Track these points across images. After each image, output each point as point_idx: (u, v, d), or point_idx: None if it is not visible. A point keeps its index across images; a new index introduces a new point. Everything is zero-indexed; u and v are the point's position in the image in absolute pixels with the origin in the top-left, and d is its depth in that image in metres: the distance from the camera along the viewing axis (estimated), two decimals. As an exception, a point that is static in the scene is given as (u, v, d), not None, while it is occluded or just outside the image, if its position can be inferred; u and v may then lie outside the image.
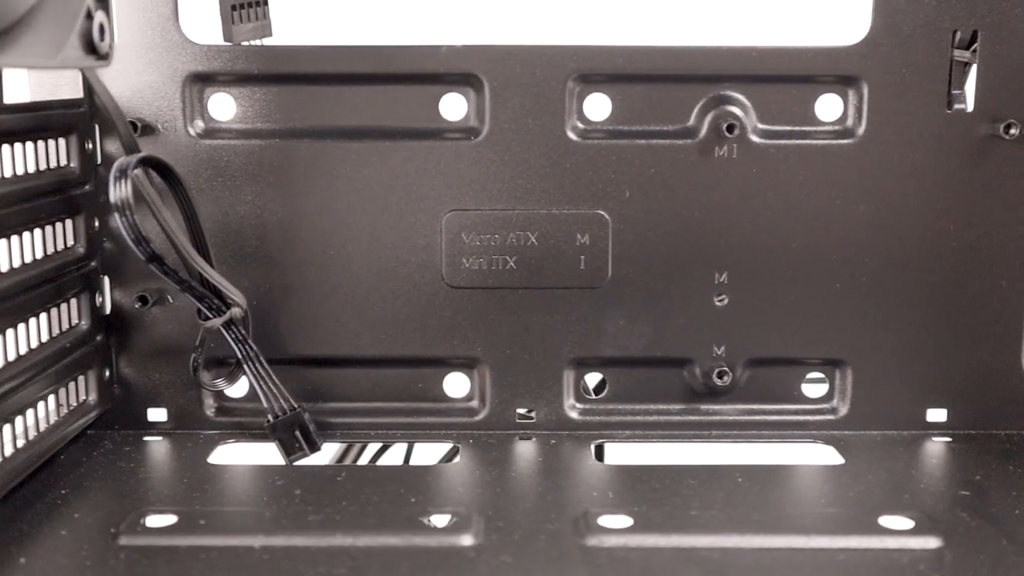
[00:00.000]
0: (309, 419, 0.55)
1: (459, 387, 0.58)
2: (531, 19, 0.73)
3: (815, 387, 0.58)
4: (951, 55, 0.54)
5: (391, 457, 0.60)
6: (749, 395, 0.58)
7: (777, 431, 0.58)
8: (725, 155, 0.55)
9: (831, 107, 0.55)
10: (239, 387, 0.57)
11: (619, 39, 0.55)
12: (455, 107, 0.55)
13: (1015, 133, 0.54)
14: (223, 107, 0.55)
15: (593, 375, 0.58)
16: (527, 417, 0.58)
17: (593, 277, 0.56)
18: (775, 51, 0.54)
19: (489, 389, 0.57)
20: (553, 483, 0.51)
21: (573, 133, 0.55)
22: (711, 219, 0.56)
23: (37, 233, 0.50)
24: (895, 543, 0.44)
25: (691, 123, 0.55)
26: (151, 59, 0.54)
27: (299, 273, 0.56)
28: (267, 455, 0.55)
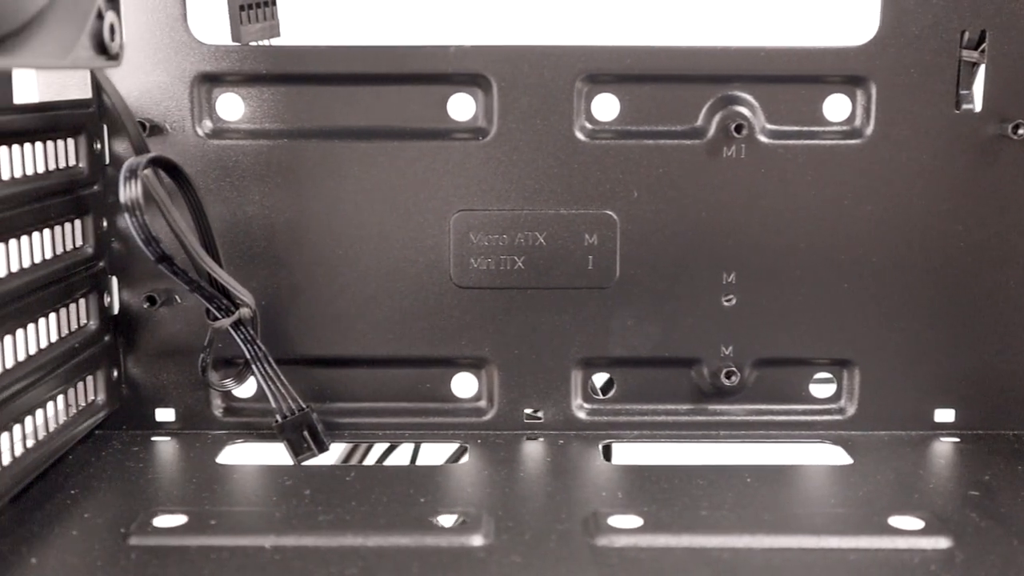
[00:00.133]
0: (317, 419, 0.55)
1: (467, 387, 0.58)
2: (539, 19, 0.73)
3: (823, 387, 0.58)
4: (959, 55, 0.54)
5: (397, 457, 0.60)
6: (757, 395, 0.58)
7: (785, 431, 0.58)
8: (733, 155, 0.55)
9: (839, 107, 0.55)
10: (246, 387, 0.57)
11: (627, 39, 0.55)
12: (463, 107, 0.55)
13: (1023, 133, 0.54)
14: (231, 107, 0.55)
15: (599, 374, 0.58)
16: (534, 417, 0.58)
17: (601, 277, 0.56)
18: (783, 51, 0.54)
19: (497, 389, 0.57)
20: (562, 483, 0.51)
21: (581, 133, 0.55)
22: (719, 219, 0.56)
23: (46, 233, 0.50)
24: (905, 543, 0.44)
25: (699, 123, 0.55)
26: (159, 59, 0.54)
27: (307, 273, 0.56)
28: (274, 455, 0.55)
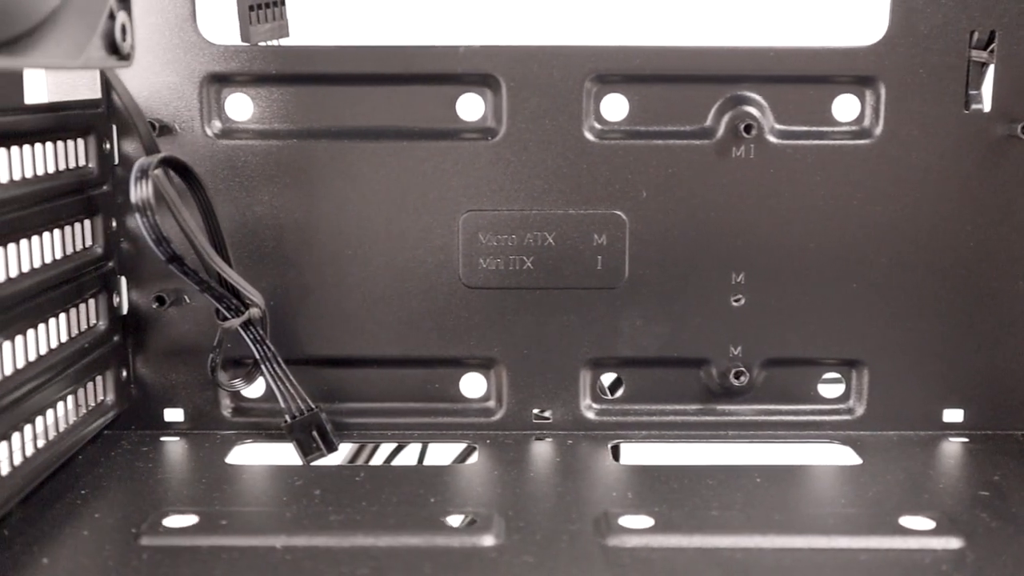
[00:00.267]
0: (326, 419, 0.55)
1: (476, 387, 0.58)
2: (548, 20, 0.73)
3: (831, 387, 0.58)
4: (968, 55, 0.54)
5: (404, 457, 0.60)
6: (765, 395, 0.58)
7: (793, 431, 0.58)
8: (742, 155, 0.55)
9: (848, 107, 0.55)
10: (255, 387, 0.57)
11: (636, 39, 0.55)
12: (472, 107, 0.55)
13: (1032, 133, 0.54)
14: (240, 107, 0.55)
15: (607, 374, 0.58)
16: (543, 417, 0.58)
17: (610, 277, 0.56)
18: (792, 51, 0.54)
19: (506, 389, 0.57)
20: (572, 483, 0.51)
21: (590, 133, 0.55)
22: (728, 219, 0.55)
23: (56, 234, 0.50)
24: (917, 543, 0.44)
25: (708, 123, 0.55)
26: (169, 60, 0.54)
27: (316, 273, 0.56)
28: (282, 455, 0.55)
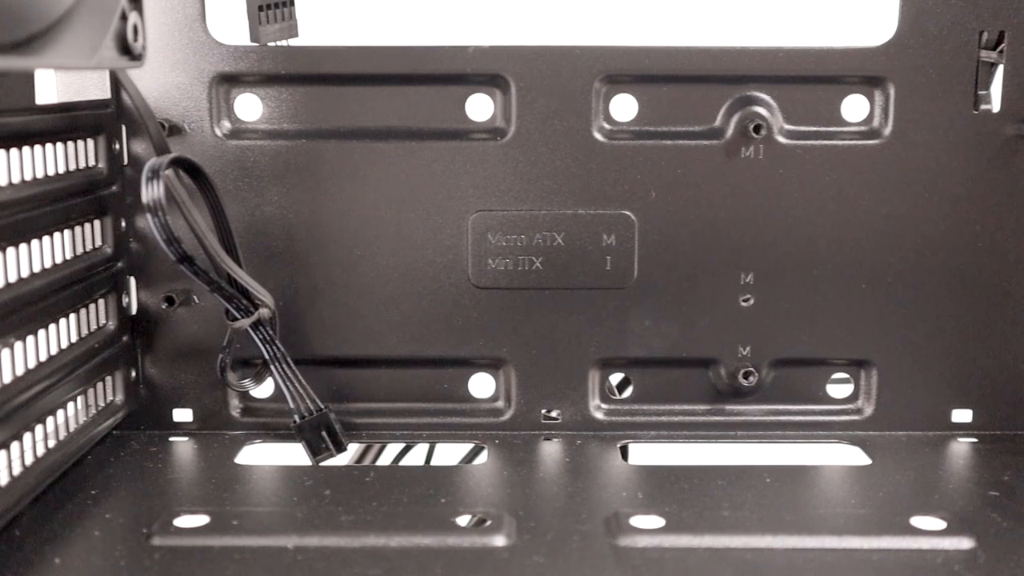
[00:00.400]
0: (335, 419, 0.55)
1: (485, 388, 0.58)
2: (557, 20, 0.73)
3: (840, 387, 0.58)
4: (978, 56, 0.54)
5: (412, 458, 0.60)
6: (774, 396, 0.58)
7: (802, 431, 0.58)
8: (751, 156, 0.55)
9: (857, 108, 0.55)
10: (264, 387, 0.57)
11: (645, 40, 0.55)
12: (481, 107, 0.55)
13: (1042, 134, 0.54)
14: (250, 107, 0.55)
15: (615, 374, 0.58)
16: (551, 418, 0.58)
17: (619, 278, 0.56)
18: (801, 52, 0.54)
19: (515, 390, 0.57)
20: (581, 484, 0.51)
21: (599, 134, 0.55)
22: (737, 220, 0.55)
23: (66, 234, 0.50)
24: (928, 544, 0.44)
25: (717, 124, 0.55)
26: (178, 60, 0.54)
27: (326, 273, 0.56)
28: (291, 455, 0.55)
